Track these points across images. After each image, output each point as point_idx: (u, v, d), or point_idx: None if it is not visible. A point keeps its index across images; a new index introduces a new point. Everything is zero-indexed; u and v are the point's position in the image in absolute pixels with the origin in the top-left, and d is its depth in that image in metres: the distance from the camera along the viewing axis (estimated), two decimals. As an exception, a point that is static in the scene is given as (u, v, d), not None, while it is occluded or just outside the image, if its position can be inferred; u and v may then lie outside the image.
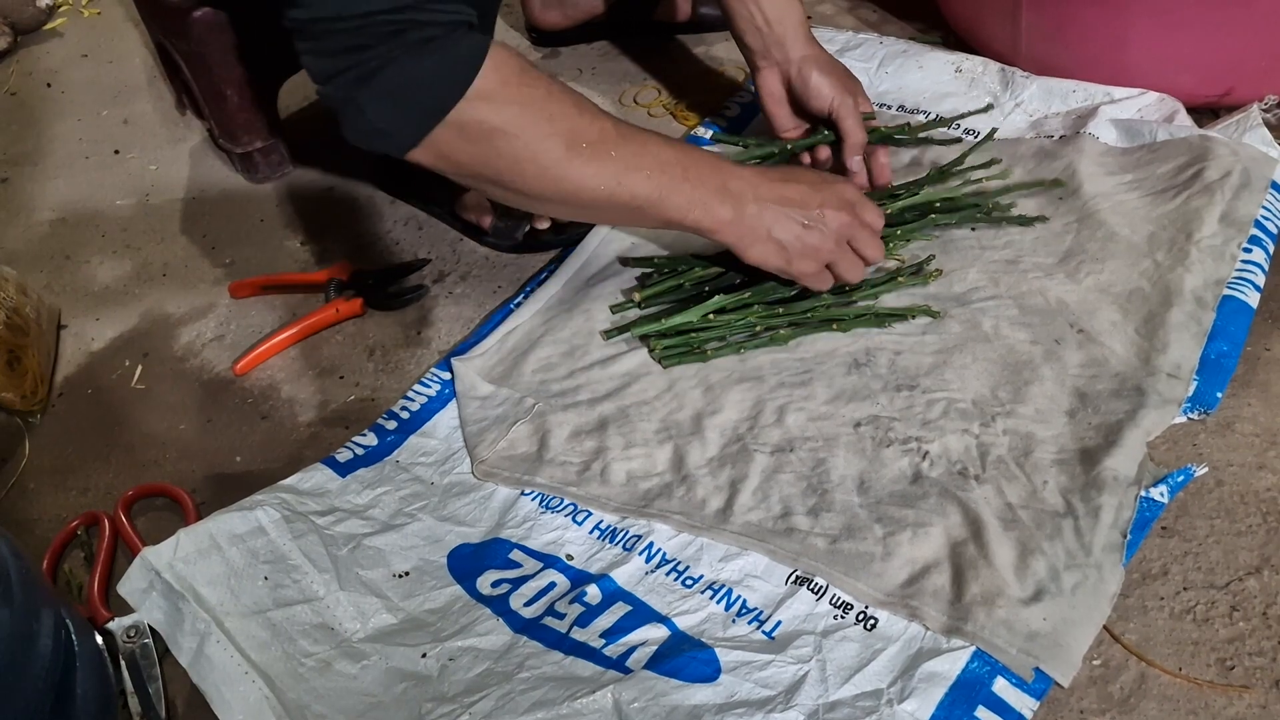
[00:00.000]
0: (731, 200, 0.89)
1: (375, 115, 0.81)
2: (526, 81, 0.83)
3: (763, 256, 0.92)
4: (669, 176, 0.87)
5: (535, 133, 0.83)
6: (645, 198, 0.87)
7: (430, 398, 0.99)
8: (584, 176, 0.85)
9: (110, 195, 1.36)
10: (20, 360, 1.05)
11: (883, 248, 0.96)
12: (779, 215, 0.91)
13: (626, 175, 0.86)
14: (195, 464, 0.99)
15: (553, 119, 0.84)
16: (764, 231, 0.91)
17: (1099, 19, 1.13)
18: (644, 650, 0.76)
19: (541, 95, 0.84)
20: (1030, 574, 0.76)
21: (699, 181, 0.89)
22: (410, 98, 0.80)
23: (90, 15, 1.79)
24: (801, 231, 0.91)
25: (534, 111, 0.83)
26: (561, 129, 0.84)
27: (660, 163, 0.87)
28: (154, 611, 0.79)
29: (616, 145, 0.86)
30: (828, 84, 1.07)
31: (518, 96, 0.83)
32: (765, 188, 0.91)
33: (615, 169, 0.86)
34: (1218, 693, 0.71)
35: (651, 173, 0.87)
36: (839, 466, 0.86)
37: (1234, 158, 1.03)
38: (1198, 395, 0.88)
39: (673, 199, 0.88)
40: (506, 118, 0.82)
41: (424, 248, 1.20)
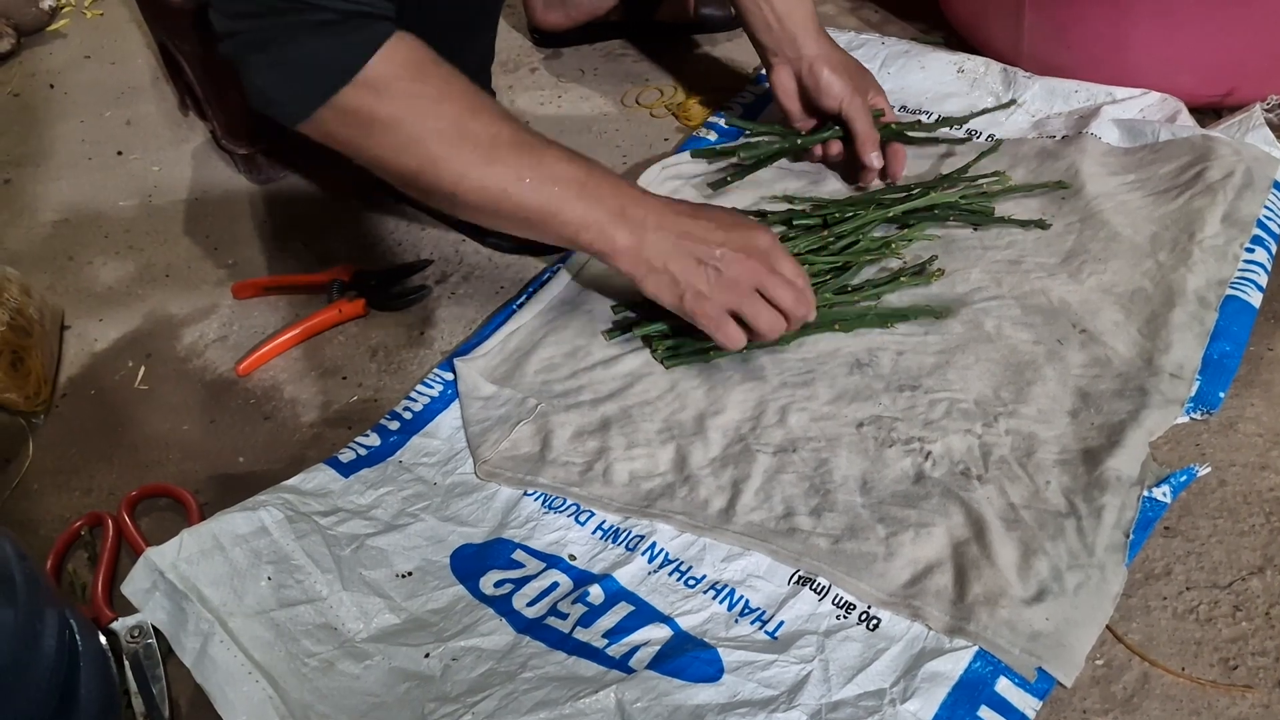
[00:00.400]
0: (629, 226, 0.86)
1: (264, 83, 0.82)
2: (420, 76, 0.83)
3: (657, 290, 0.88)
4: (562, 191, 0.85)
5: (418, 128, 0.82)
6: (534, 210, 0.85)
7: (433, 398, 0.99)
8: (469, 179, 0.83)
9: (113, 196, 1.37)
10: (24, 361, 1.05)
11: (807, 303, 0.89)
12: (677, 248, 0.86)
13: (513, 184, 0.84)
14: (198, 464, 0.99)
15: (439, 118, 0.83)
16: (660, 263, 0.87)
17: (1101, 19, 1.13)
18: (647, 650, 0.77)
19: (433, 92, 0.83)
20: (1033, 574, 0.76)
21: (596, 201, 0.85)
22: (297, 74, 0.81)
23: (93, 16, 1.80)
24: (695, 270, 0.86)
25: (420, 107, 0.82)
26: (447, 128, 0.82)
27: (554, 176, 0.85)
28: (157, 612, 0.79)
29: (508, 151, 0.84)
30: (838, 82, 1.07)
31: (406, 90, 0.82)
32: (668, 218, 0.87)
33: (502, 175, 0.83)
34: (1221, 692, 0.71)
35: (542, 184, 0.84)
36: (841, 467, 0.86)
37: (1236, 158, 1.03)
38: (1200, 395, 0.88)
39: (563, 215, 0.85)
40: (389, 110, 0.82)
41: (426, 248, 1.20)
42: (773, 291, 0.87)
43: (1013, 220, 1.04)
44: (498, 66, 1.40)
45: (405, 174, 0.85)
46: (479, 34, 1.14)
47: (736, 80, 1.38)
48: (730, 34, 1.46)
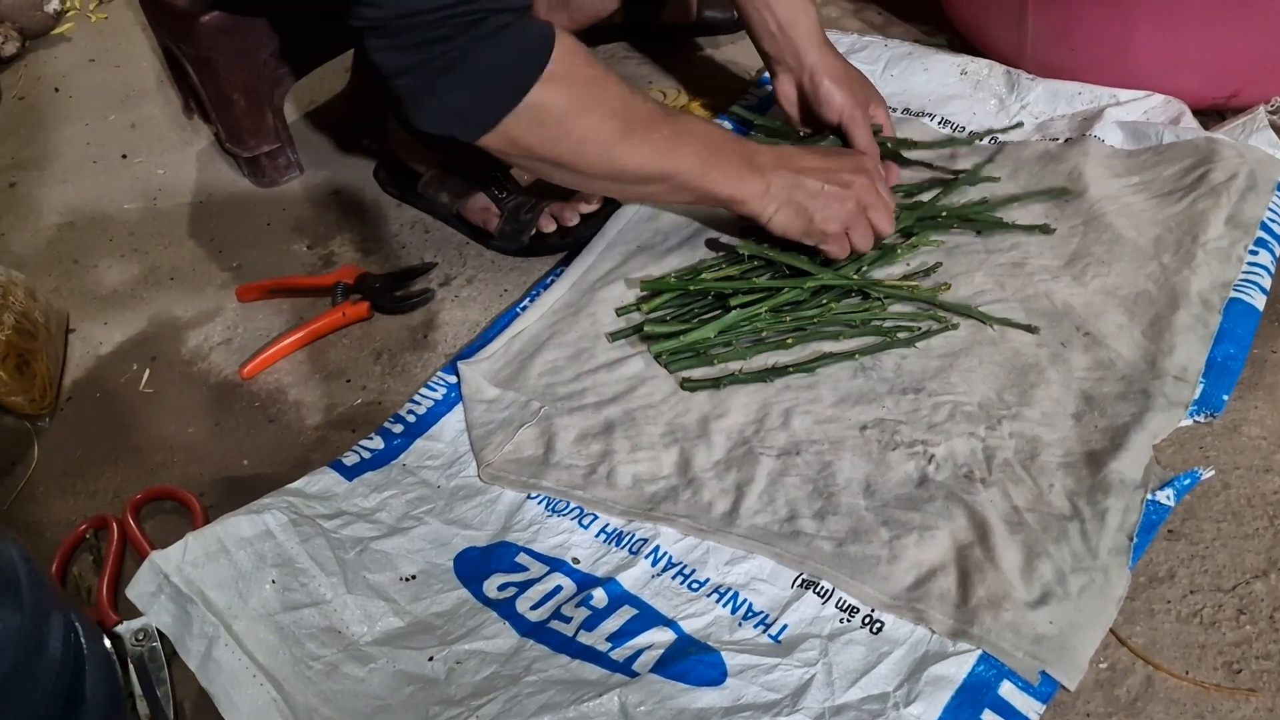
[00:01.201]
0: (758, 172, 0.94)
1: (454, 103, 0.84)
2: (591, 63, 0.88)
3: (786, 222, 0.96)
4: (707, 152, 0.93)
5: (599, 114, 0.88)
6: (688, 173, 0.92)
7: (437, 401, 0.99)
8: (637, 154, 0.91)
9: (118, 199, 1.37)
10: (29, 364, 1.05)
11: (894, 222, 1.00)
12: (800, 182, 0.95)
13: (671, 153, 0.91)
14: (203, 467, 0.99)
15: (613, 100, 0.89)
16: (787, 198, 0.95)
17: (1105, 21, 1.13)
18: (650, 654, 0.77)
19: (601, 76, 0.89)
20: (1036, 577, 0.76)
21: (730, 156, 0.94)
22: (488, 85, 0.84)
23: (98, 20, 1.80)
24: (822, 195, 0.95)
25: (598, 93, 0.88)
26: (619, 109, 0.89)
27: (699, 140, 0.93)
28: (162, 615, 0.79)
29: (664, 125, 0.91)
30: (839, 94, 1.07)
31: (584, 78, 0.87)
32: (788, 159, 0.96)
33: (662, 147, 0.91)
34: (1224, 696, 0.71)
35: (693, 150, 0.92)
36: (845, 470, 0.86)
37: (1240, 160, 1.03)
38: (1204, 398, 0.87)
39: (710, 174, 0.93)
40: (574, 100, 0.87)
41: (430, 251, 1.20)
42: (875, 211, 0.98)
43: (1016, 226, 1.04)
44: (501, 69, 1.40)
45: (585, 163, 0.91)
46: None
47: (739, 83, 1.38)
48: (733, 36, 1.46)
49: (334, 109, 1.46)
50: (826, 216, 0.96)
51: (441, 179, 1.19)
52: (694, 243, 1.09)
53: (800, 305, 0.99)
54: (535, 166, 0.94)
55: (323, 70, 1.35)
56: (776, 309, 0.98)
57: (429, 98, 0.84)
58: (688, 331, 0.97)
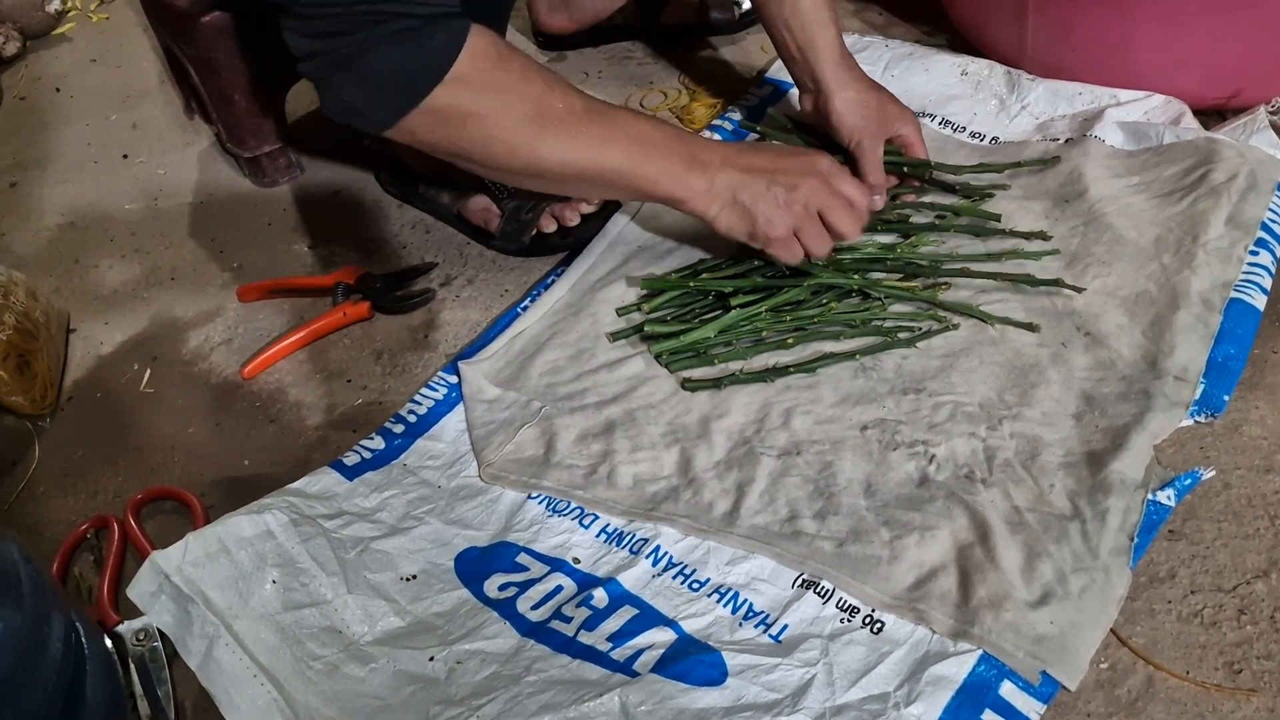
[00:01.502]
0: (700, 170, 0.92)
1: (351, 97, 0.85)
2: (502, 65, 0.86)
3: (729, 224, 0.94)
4: (639, 149, 0.91)
5: (507, 115, 0.87)
6: (617, 171, 0.91)
7: (437, 401, 0.99)
8: (556, 153, 0.89)
9: (119, 199, 1.37)
10: (30, 364, 1.05)
11: (860, 221, 0.96)
12: (745, 181, 0.93)
13: (597, 151, 0.90)
14: (204, 467, 0.99)
15: (525, 100, 0.87)
16: (730, 198, 0.93)
17: (1105, 21, 1.13)
18: (651, 653, 0.77)
19: (514, 78, 0.87)
20: (1037, 577, 0.76)
21: (669, 153, 0.92)
22: (385, 84, 0.83)
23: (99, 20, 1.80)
24: (766, 196, 0.93)
25: (505, 95, 0.86)
26: (532, 110, 0.87)
27: (629, 137, 0.91)
28: (163, 615, 0.79)
29: (588, 123, 0.89)
30: (848, 120, 1.07)
31: (491, 82, 0.86)
32: (733, 156, 0.94)
33: (584, 145, 0.89)
34: (1225, 696, 0.71)
35: (623, 147, 0.90)
36: (846, 470, 0.86)
37: (1241, 160, 1.03)
38: (1205, 398, 0.87)
39: (642, 170, 0.91)
40: (478, 102, 0.86)
41: (431, 251, 1.20)
42: (832, 212, 0.94)
43: (1014, 232, 1.03)
44: (502, 69, 1.40)
45: (492, 161, 0.90)
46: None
47: (741, 83, 1.38)
48: (734, 36, 1.46)
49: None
50: (770, 219, 0.93)
51: (442, 179, 1.19)
52: (694, 242, 1.09)
53: (801, 305, 0.99)
54: (453, 161, 0.92)
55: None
56: (777, 309, 0.98)
57: (329, 89, 0.85)
58: (688, 331, 0.97)
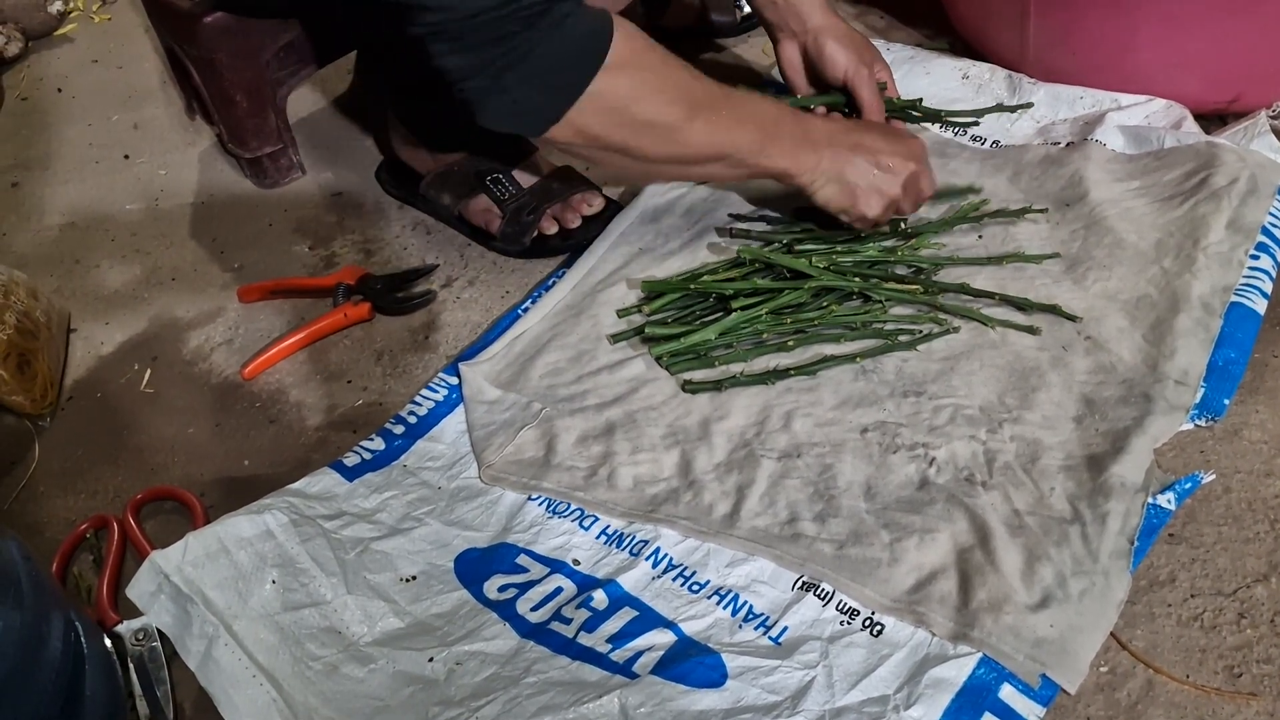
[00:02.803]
0: (812, 147, 0.96)
1: (522, 97, 0.85)
2: (651, 47, 0.89)
3: (829, 197, 0.99)
4: (765, 130, 0.94)
5: (662, 98, 0.89)
6: (747, 149, 0.94)
7: (438, 402, 0.99)
8: (700, 135, 0.91)
9: (120, 200, 1.37)
10: (30, 364, 1.05)
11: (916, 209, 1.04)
12: (853, 160, 0.98)
13: (732, 131, 0.93)
14: (204, 468, 0.99)
15: (675, 84, 0.90)
16: (837, 174, 0.97)
17: (1107, 25, 1.13)
18: (650, 655, 0.77)
19: (660, 60, 0.90)
20: (1037, 580, 0.76)
21: (788, 131, 0.96)
22: (555, 76, 0.84)
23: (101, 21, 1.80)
24: (871, 177, 0.98)
25: (659, 77, 0.89)
26: (682, 92, 0.90)
27: (759, 117, 0.95)
28: (162, 614, 0.79)
29: (724, 104, 0.92)
30: (842, 53, 1.08)
31: (645, 62, 0.89)
32: (840, 136, 0.98)
33: (724, 126, 0.92)
34: (1225, 700, 0.71)
35: (753, 127, 0.94)
36: (846, 472, 0.86)
37: (1241, 164, 1.03)
38: (1205, 402, 0.87)
39: (768, 149, 0.95)
40: (636, 85, 0.88)
41: (432, 253, 1.20)
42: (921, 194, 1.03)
43: (1026, 256, 1.01)
44: (503, 71, 1.41)
45: (644, 149, 0.91)
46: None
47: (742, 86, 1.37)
48: (737, 39, 1.46)
49: (336, 110, 1.46)
50: (869, 200, 0.99)
51: (443, 180, 1.19)
52: (695, 245, 1.09)
53: (801, 307, 0.99)
54: (600, 156, 0.93)
55: (325, 72, 1.35)
56: (777, 311, 0.98)
57: (498, 95, 0.84)
58: (689, 333, 0.97)
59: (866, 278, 1.00)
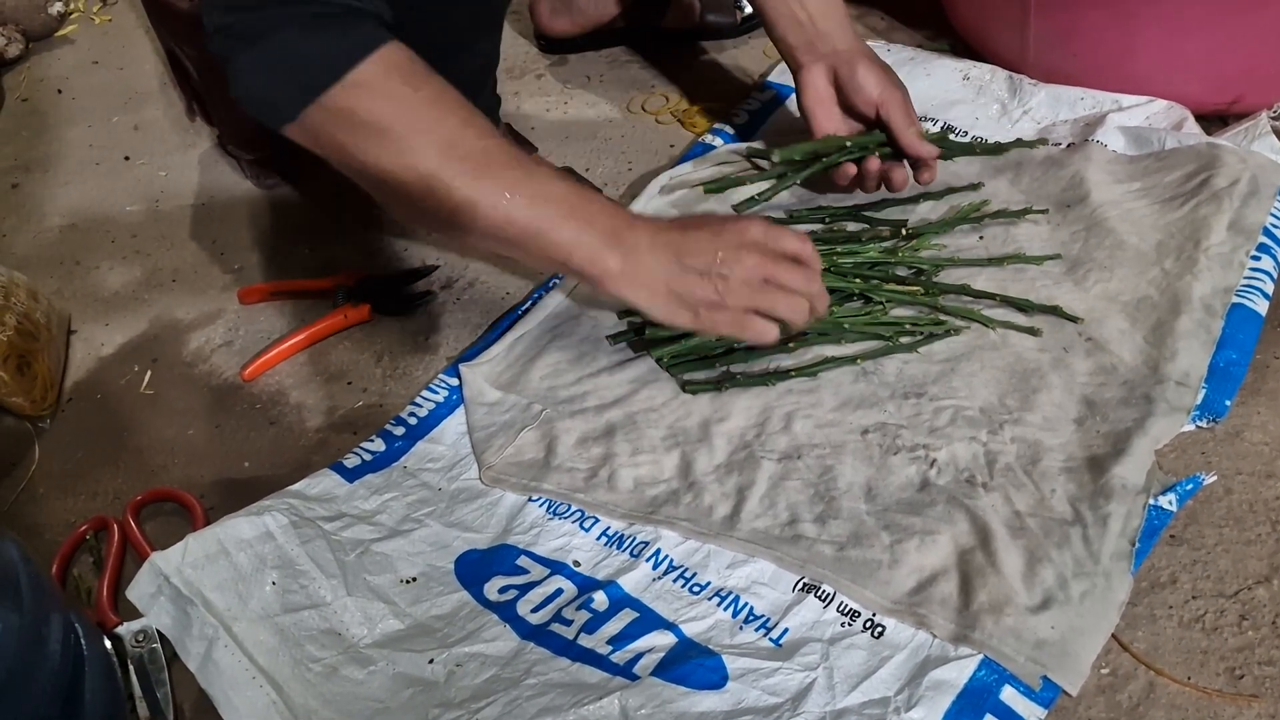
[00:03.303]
0: (622, 249, 0.82)
1: (253, 80, 0.80)
2: (413, 83, 0.80)
3: (668, 315, 0.85)
4: (554, 211, 0.81)
5: (409, 135, 0.79)
6: (521, 227, 0.81)
7: (438, 404, 0.99)
8: (455, 189, 0.80)
9: (120, 201, 1.37)
10: (30, 365, 1.05)
11: (815, 275, 0.87)
12: (676, 267, 0.83)
13: (504, 199, 0.80)
14: (204, 469, 0.99)
15: (431, 127, 0.80)
16: (662, 286, 0.83)
17: (1107, 27, 1.13)
18: (651, 657, 0.76)
19: (426, 99, 0.80)
20: (1038, 582, 0.76)
21: (587, 222, 0.82)
22: (287, 71, 0.79)
23: (101, 22, 1.80)
24: (700, 284, 0.83)
25: (412, 113, 0.80)
26: (438, 139, 0.80)
27: (546, 195, 0.81)
28: (162, 616, 0.79)
29: (501, 166, 0.81)
30: (874, 76, 1.03)
31: (397, 95, 0.79)
32: (660, 237, 0.83)
33: (492, 189, 0.80)
34: (1227, 702, 0.71)
35: (533, 201, 0.81)
36: (846, 474, 0.86)
37: (1242, 165, 1.03)
38: (1206, 403, 0.87)
39: (553, 235, 0.81)
40: (379, 113, 0.79)
41: (432, 254, 1.20)
42: (782, 278, 0.84)
43: (1027, 257, 1.01)
44: (503, 72, 1.41)
45: (391, 183, 0.81)
46: (483, 37, 1.14)
47: (741, 88, 1.38)
48: (736, 41, 1.46)
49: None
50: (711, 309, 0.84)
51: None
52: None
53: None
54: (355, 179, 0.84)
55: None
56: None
57: (234, 69, 0.80)
58: (689, 335, 0.97)
59: (867, 279, 1.00)
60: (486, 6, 1.11)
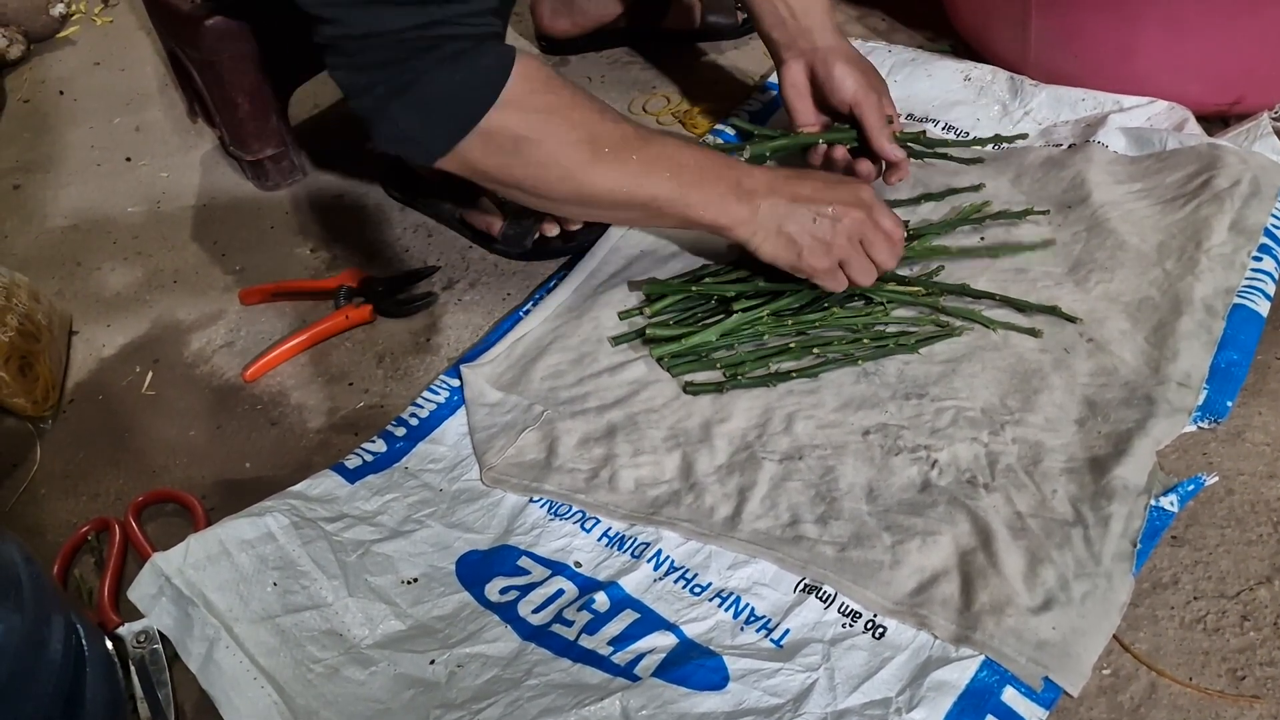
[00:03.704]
0: (745, 198, 0.91)
1: (407, 126, 0.84)
2: (552, 89, 0.87)
3: (774, 252, 0.93)
4: (686, 177, 0.90)
5: (559, 140, 0.87)
6: (664, 199, 0.90)
7: (439, 404, 0.99)
8: (605, 180, 0.88)
9: (122, 202, 1.37)
10: (32, 366, 1.05)
11: (897, 255, 0.95)
12: (791, 211, 0.92)
13: (646, 178, 0.89)
14: (205, 470, 0.99)
15: (576, 126, 0.87)
16: (775, 227, 0.92)
17: (1108, 27, 1.13)
18: (652, 658, 0.76)
19: (565, 103, 0.87)
20: (1039, 583, 0.76)
21: (715, 181, 0.91)
22: (441, 109, 0.83)
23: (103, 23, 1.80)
24: (813, 227, 0.92)
25: (558, 119, 0.87)
26: (584, 135, 0.87)
27: (678, 164, 0.90)
28: (164, 617, 0.79)
29: (636, 149, 0.89)
30: (851, 76, 1.05)
31: (543, 105, 0.86)
32: (779, 185, 0.93)
33: (635, 172, 0.89)
34: (1228, 703, 0.71)
35: (670, 174, 0.90)
36: (847, 474, 0.86)
37: (1243, 166, 1.03)
38: (1208, 404, 0.87)
39: (689, 198, 0.90)
40: (532, 126, 0.86)
41: (433, 255, 1.20)
42: (873, 245, 0.94)
43: (1023, 247, 1.02)
44: (505, 74, 1.41)
45: (544, 188, 0.89)
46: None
47: (742, 88, 1.38)
48: (736, 42, 1.46)
49: (338, 113, 1.46)
50: (815, 251, 0.93)
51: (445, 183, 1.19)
52: (698, 247, 1.09)
53: (803, 309, 0.99)
54: (500, 190, 0.93)
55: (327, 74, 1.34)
56: (779, 313, 0.98)
57: (383, 120, 0.85)
58: (690, 335, 0.97)
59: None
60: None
